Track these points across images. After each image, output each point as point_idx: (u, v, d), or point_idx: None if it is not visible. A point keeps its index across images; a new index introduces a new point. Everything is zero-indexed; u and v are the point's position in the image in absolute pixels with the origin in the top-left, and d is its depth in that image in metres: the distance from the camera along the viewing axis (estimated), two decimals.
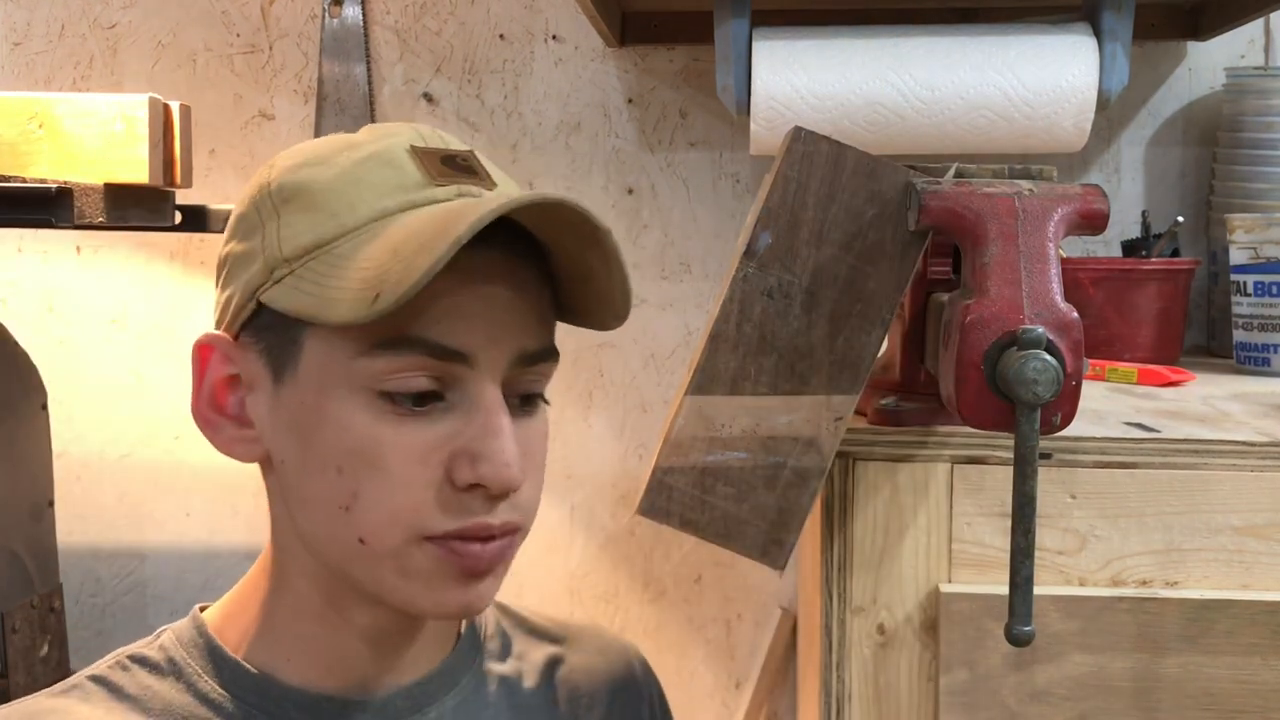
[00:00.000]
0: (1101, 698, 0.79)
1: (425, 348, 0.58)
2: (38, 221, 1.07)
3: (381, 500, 0.59)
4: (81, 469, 1.47)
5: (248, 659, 0.64)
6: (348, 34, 1.42)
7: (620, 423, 1.44)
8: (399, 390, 0.59)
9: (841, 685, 0.82)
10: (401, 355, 0.58)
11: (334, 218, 0.59)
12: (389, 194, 0.60)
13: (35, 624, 1.20)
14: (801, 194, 0.74)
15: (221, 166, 1.45)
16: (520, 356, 0.61)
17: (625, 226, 1.42)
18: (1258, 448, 0.79)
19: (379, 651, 0.65)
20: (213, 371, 0.63)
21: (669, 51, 1.41)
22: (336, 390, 0.59)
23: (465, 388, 0.60)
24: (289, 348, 0.60)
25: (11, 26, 1.46)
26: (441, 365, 0.59)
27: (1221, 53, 1.37)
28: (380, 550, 0.60)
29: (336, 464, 0.59)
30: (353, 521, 0.59)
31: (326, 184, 0.60)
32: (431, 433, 0.59)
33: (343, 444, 0.59)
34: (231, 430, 0.63)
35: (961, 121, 1.14)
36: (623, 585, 1.45)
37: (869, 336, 0.74)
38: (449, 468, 0.59)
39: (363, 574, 0.61)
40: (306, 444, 0.60)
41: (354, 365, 0.58)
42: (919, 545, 0.81)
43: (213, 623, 0.66)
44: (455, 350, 0.59)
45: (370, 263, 0.57)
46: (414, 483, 0.59)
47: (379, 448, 0.58)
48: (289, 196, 0.61)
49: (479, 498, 0.59)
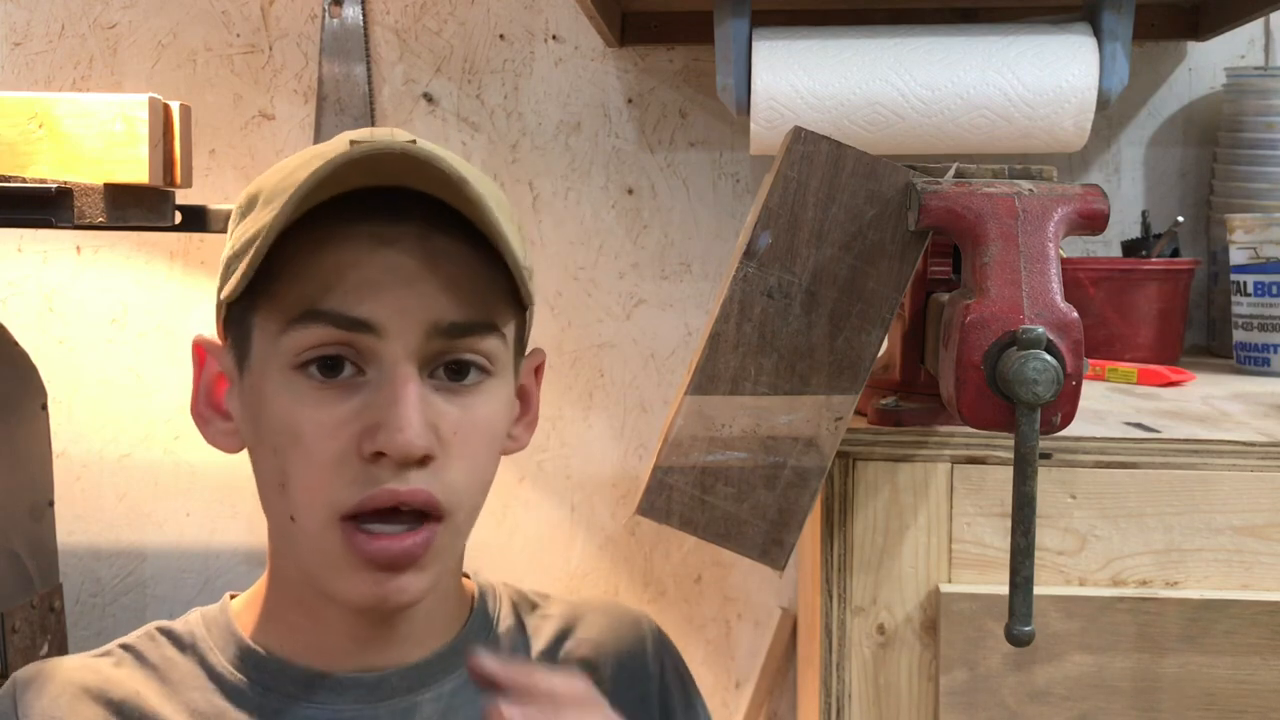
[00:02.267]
0: (1101, 698, 0.79)
1: (331, 319, 0.60)
2: (38, 221, 1.07)
3: (302, 476, 0.61)
4: (81, 469, 1.47)
5: (254, 638, 0.68)
6: (348, 34, 1.42)
7: (620, 423, 1.44)
8: (313, 360, 0.61)
9: (841, 685, 0.82)
10: (310, 328, 0.61)
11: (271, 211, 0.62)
12: None
13: (35, 624, 1.20)
14: (801, 194, 0.74)
15: (221, 166, 1.45)
16: (436, 327, 0.62)
17: (625, 226, 1.43)
18: (1258, 448, 0.79)
19: (363, 636, 0.67)
20: (207, 371, 0.68)
21: (669, 51, 1.41)
22: (270, 372, 0.62)
23: (381, 362, 0.61)
24: (245, 340, 0.65)
25: (11, 26, 1.46)
26: (350, 336, 0.61)
27: (1221, 53, 1.37)
28: (307, 529, 0.62)
29: (272, 444, 0.62)
30: (285, 499, 0.62)
31: (273, 184, 0.64)
32: (344, 407, 0.61)
33: (275, 423, 0.62)
34: (219, 424, 0.68)
35: (961, 121, 1.14)
36: (623, 585, 1.45)
37: (869, 336, 0.74)
38: (358, 441, 0.60)
39: (295, 555, 0.64)
40: (257, 428, 0.64)
41: (278, 344, 0.62)
42: (919, 545, 0.81)
43: (236, 606, 0.71)
44: (360, 320, 0.60)
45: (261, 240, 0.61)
46: (327, 456, 0.60)
47: (298, 423, 0.61)
48: (249, 202, 0.66)
49: (386, 468, 0.60)
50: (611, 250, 1.43)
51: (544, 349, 0.74)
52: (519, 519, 1.45)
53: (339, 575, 0.62)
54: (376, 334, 0.60)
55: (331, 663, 0.67)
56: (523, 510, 1.44)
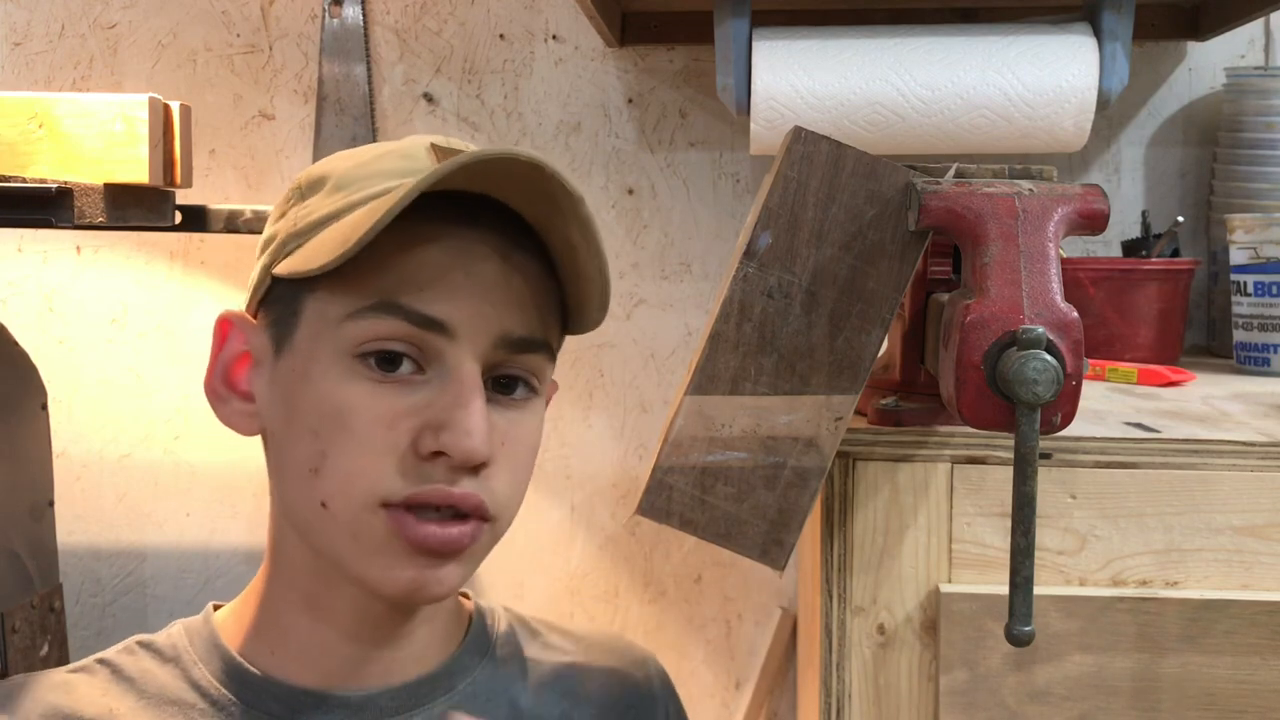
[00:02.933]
0: (1101, 698, 0.79)
1: (405, 314, 0.60)
2: (38, 221, 1.07)
3: (344, 462, 0.60)
4: (81, 469, 1.48)
5: (241, 651, 0.66)
6: (348, 34, 1.42)
7: (620, 423, 1.44)
8: (375, 352, 0.60)
9: (841, 685, 0.82)
10: (382, 319, 0.59)
11: (345, 197, 0.62)
12: (395, 176, 0.62)
13: (35, 624, 1.20)
14: (801, 194, 0.74)
15: (221, 166, 1.45)
16: (504, 338, 0.62)
17: (625, 226, 1.43)
18: (1258, 448, 0.79)
19: (363, 647, 0.66)
20: (229, 347, 0.66)
21: (669, 51, 1.41)
22: (322, 355, 0.61)
23: (444, 363, 0.61)
24: (290, 319, 0.63)
25: (11, 26, 1.46)
26: (421, 334, 0.60)
27: (1221, 53, 1.37)
28: (340, 515, 0.60)
29: (312, 426, 0.60)
30: (318, 484, 0.60)
31: (345, 171, 0.64)
32: (403, 401, 0.60)
33: (319, 407, 0.60)
34: (236, 404, 0.65)
35: (961, 121, 1.14)
36: (623, 585, 1.45)
37: (869, 336, 0.74)
38: (416, 436, 0.60)
39: (324, 542, 0.62)
40: (292, 411, 0.62)
41: (339, 330, 0.60)
42: (919, 545, 0.81)
43: (220, 617, 0.69)
44: (435, 319, 0.60)
45: (353, 221, 0.59)
46: (377, 446, 0.59)
47: (350, 410, 0.60)
48: (313, 184, 0.65)
49: (441, 467, 0.60)
50: (611, 250, 1.43)
51: None
52: (519, 519, 1.44)
53: (378, 560, 0.60)
54: (448, 335, 0.60)
55: (320, 678, 0.65)
56: (523, 510, 1.44)
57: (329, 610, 0.65)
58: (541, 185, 0.59)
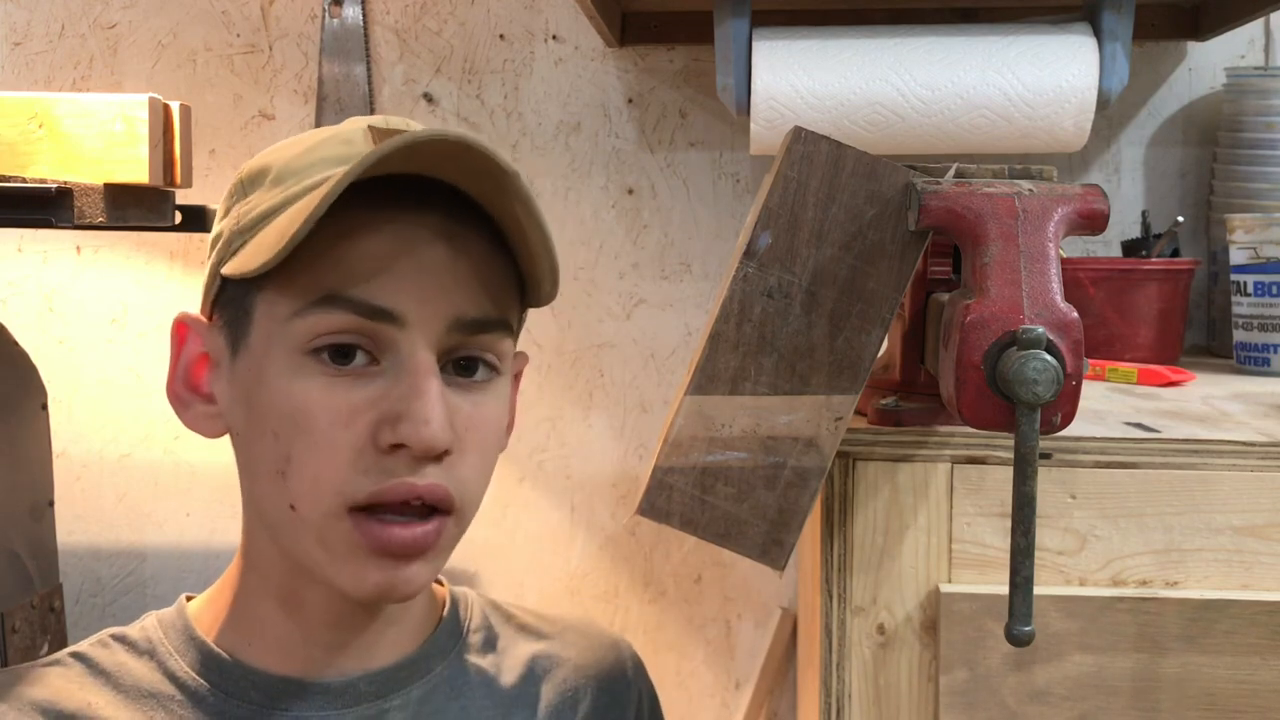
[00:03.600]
0: (1101, 698, 0.79)
1: (353, 306, 0.59)
2: (38, 221, 1.07)
3: (308, 464, 0.59)
4: (81, 469, 1.48)
5: (217, 642, 0.66)
6: (348, 34, 1.42)
7: (620, 423, 1.44)
8: (326, 346, 0.59)
9: (841, 685, 0.82)
10: (330, 314, 0.59)
11: (285, 190, 0.61)
12: (334, 164, 0.61)
13: (35, 624, 1.20)
14: (801, 194, 0.74)
15: (221, 166, 1.45)
16: (457, 321, 0.61)
17: (625, 226, 1.43)
18: (1258, 448, 0.79)
19: (338, 636, 0.65)
20: (187, 350, 0.65)
21: (669, 51, 1.41)
22: (275, 355, 0.60)
23: (398, 352, 0.60)
24: (242, 319, 0.62)
25: (11, 26, 1.46)
26: (371, 325, 0.59)
27: (1221, 53, 1.37)
28: (308, 518, 0.60)
29: (273, 428, 0.60)
30: (286, 487, 0.60)
31: (285, 162, 0.63)
32: (359, 395, 0.59)
33: (277, 407, 0.60)
34: (199, 407, 0.65)
35: (961, 121, 1.14)
36: (623, 585, 1.45)
37: (869, 336, 0.74)
38: (374, 430, 0.59)
39: (293, 545, 0.62)
40: (252, 412, 0.61)
41: (289, 327, 0.60)
42: (919, 545, 0.81)
43: (194, 608, 0.69)
44: (383, 309, 0.59)
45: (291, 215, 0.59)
46: (338, 445, 0.59)
47: (307, 410, 0.59)
48: (254, 177, 0.64)
49: (402, 460, 0.59)
50: (611, 250, 1.43)
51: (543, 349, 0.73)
52: (519, 519, 1.45)
53: (346, 564, 0.60)
54: (398, 324, 0.59)
55: (298, 666, 0.65)
56: (523, 510, 1.44)
57: (303, 605, 0.65)
58: (478, 163, 0.58)
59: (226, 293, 0.64)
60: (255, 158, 0.66)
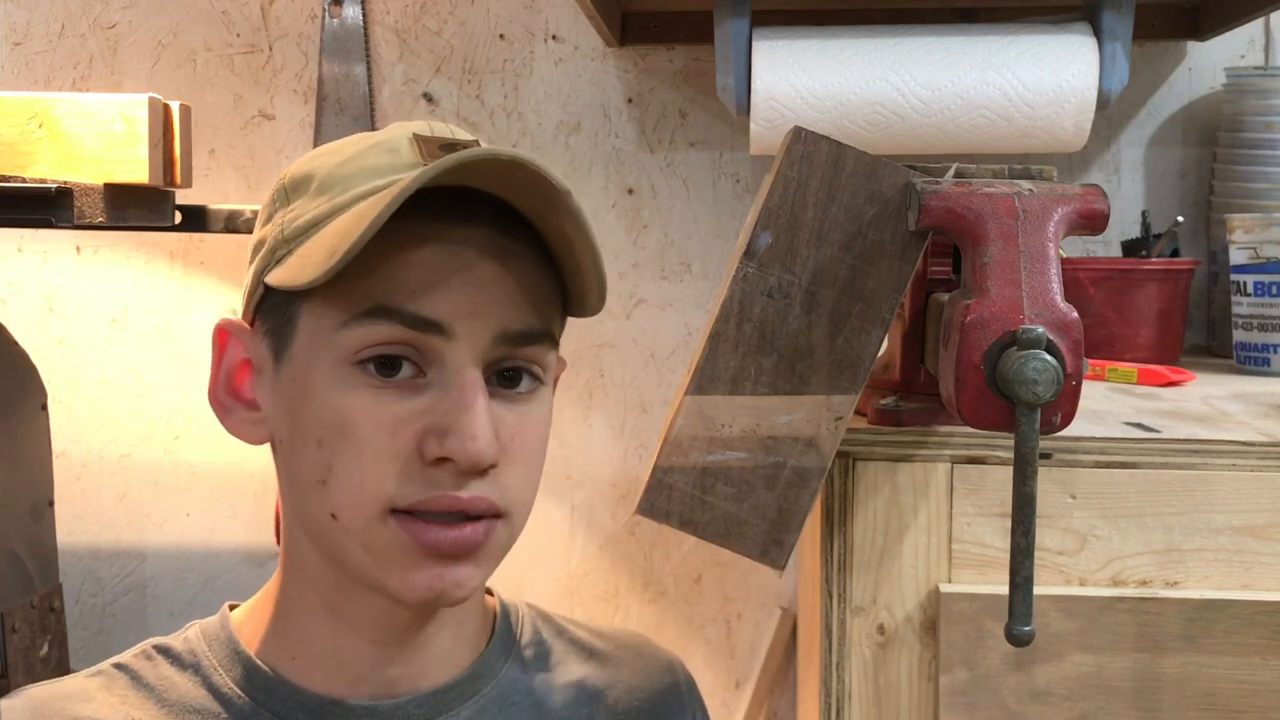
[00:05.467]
0: (1101, 698, 0.79)
1: (400, 317, 0.59)
2: (38, 221, 1.07)
3: (351, 472, 0.59)
4: (81, 469, 1.48)
5: (260, 655, 0.65)
6: (348, 34, 1.42)
7: (620, 423, 1.44)
8: (373, 358, 0.59)
9: (841, 685, 0.82)
10: (378, 325, 0.59)
11: (330, 199, 0.61)
12: (381, 174, 0.61)
13: (35, 624, 1.20)
14: (801, 194, 0.74)
15: (221, 166, 1.45)
16: (503, 334, 0.61)
17: (625, 226, 1.43)
18: (1258, 448, 0.79)
19: (385, 651, 0.65)
20: (229, 356, 0.65)
21: (669, 51, 1.41)
22: (321, 364, 0.60)
23: (444, 365, 0.59)
24: (286, 328, 0.62)
25: (11, 26, 1.46)
26: (418, 336, 0.59)
27: (1221, 52, 1.37)
28: (350, 526, 0.59)
29: (317, 437, 0.60)
30: (326, 496, 0.60)
31: (329, 170, 0.62)
32: (405, 406, 0.59)
33: (322, 417, 0.59)
34: (241, 413, 0.64)
35: (961, 121, 1.14)
36: (623, 585, 1.45)
37: (869, 336, 0.74)
38: (420, 442, 0.59)
39: (337, 552, 0.61)
40: (296, 420, 0.61)
41: (335, 338, 0.59)
42: (919, 545, 0.81)
43: (236, 619, 0.67)
44: (431, 320, 0.59)
45: (340, 228, 0.58)
46: (382, 454, 0.58)
47: (352, 419, 0.59)
48: (298, 185, 0.63)
49: (448, 473, 0.59)
50: (611, 250, 1.43)
51: None
52: None
53: (393, 567, 0.59)
54: (445, 336, 0.59)
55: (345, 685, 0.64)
56: None
57: (349, 617, 0.64)
58: (530, 181, 0.58)
59: (270, 300, 0.63)
60: (298, 163, 0.65)
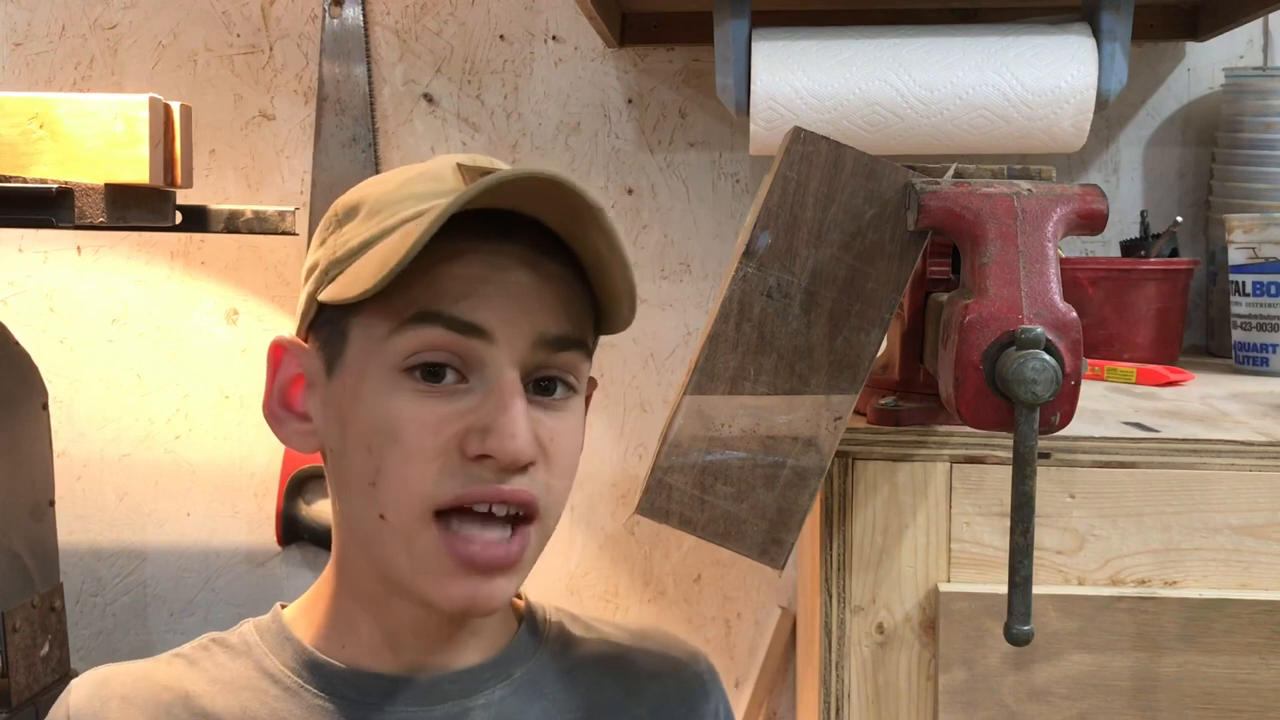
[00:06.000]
0: (1100, 697, 0.79)
1: (444, 321, 0.63)
2: (38, 222, 1.07)
3: (397, 471, 0.63)
4: (82, 468, 1.48)
5: (312, 644, 0.70)
6: (348, 34, 1.43)
7: (620, 423, 1.44)
8: (420, 364, 0.63)
9: (841, 684, 0.82)
10: (424, 330, 0.63)
11: (379, 223, 0.66)
12: (425, 199, 0.66)
13: (35, 623, 1.20)
14: (801, 194, 0.74)
15: (222, 167, 1.45)
16: (540, 339, 0.64)
17: (625, 226, 1.43)
18: (1256, 447, 0.79)
19: (428, 639, 0.69)
20: (283, 371, 0.70)
21: (669, 52, 1.41)
22: (371, 372, 0.64)
23: (485, 369, 0.64)
24: (338, 341, 0.66)
25: (12, 27, 1.46)
26: (461, 340, 0.63)
27: (1220, 53, 1.37)
28: (396, 526, 0.63)
29: (366, 442, 0.64)
30: (376, 497, 0.64)
31: (379, 196, 0.68)
32: (448, 408, 0.63)
33: (372, 422, 0.64)
34: (294, 424, 0.69)
35: (960, 122, 1.14)
36: (622, 585, 1.45)
37: (868, 336, 0.74)
38: (462, 441, 0.63)
39: (382, 556, 0.65)
40: (347, 428, 0.65)
41: (385, 346, 0.64)
42: (918, 545, 0.81)
43: (289, 614, 0.73)
44: (473, 324, 0.63)
45: (388, 247, 0.63)
46: (425, 452, 0.62)
47: (399, 421, 0.63)
48: (349, 211, 0.69)
49: (488, 468, 0.63)
50: None
51: None
52: None
53: (432, 578, 0.63)
54: (487, 339, 0.63)
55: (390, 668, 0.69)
56: None
57: (392, 614, 0.68)
58: (564, 199, 0.62)
59: (322, 317, 0.68)
60: (349, 193, 0.70)
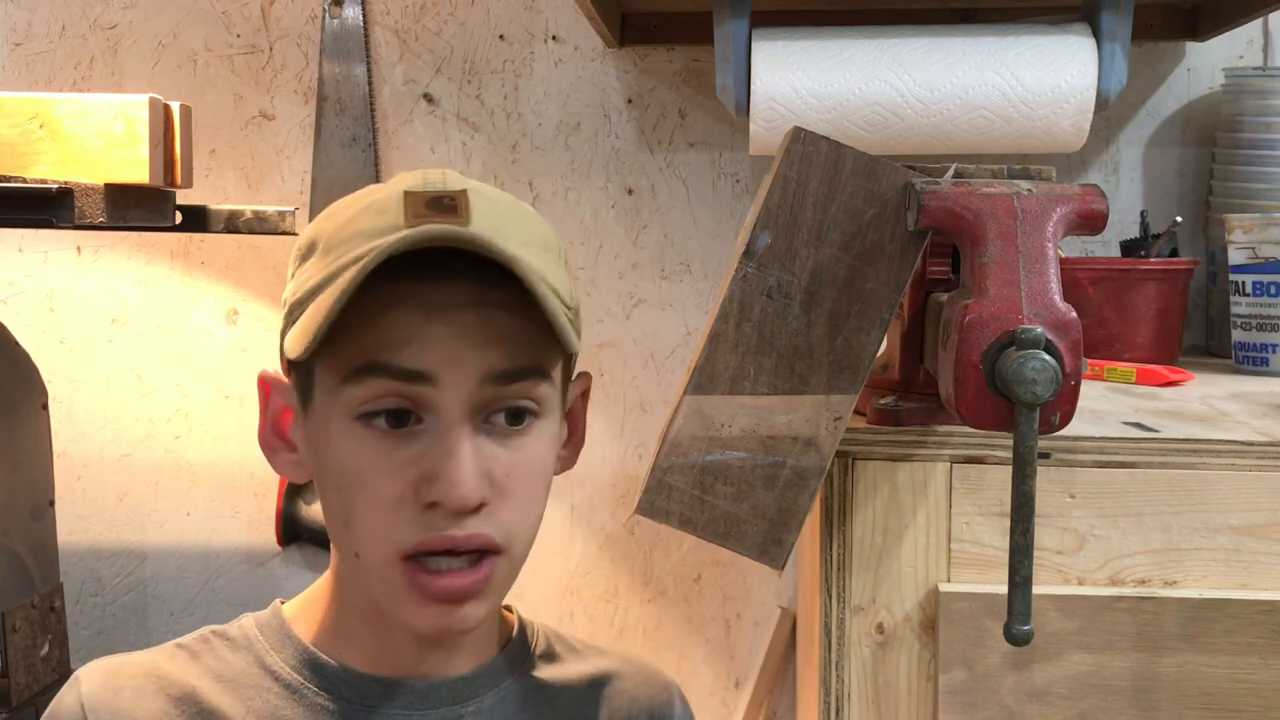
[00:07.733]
0: (1100, 697, 0.79)
1: (389, 371, 0.64)
2: (38, 222, 1.07)
3: (364, 516, 0.65)
4: (82, 469, 1.48)
5: (311, 643, 0.71)
6: (348, 34, 1.43)
7: (620, 423, 1.44)
8: (372, 411, 0.64)
9: (841, 684, 0.82)
10: (370, 381, 0.64)
11: (332, 261, 0.66)
12: (369, 238, 0.65)
13: (36, 623, 1.20)
14: (801, 194, 0.74)
15: (222, 167, 1.45)
16: (488, 375, 0.65)
17: (625, 227, 1.43)
18: (1256, 447, 0.79)
19: (421, 649, 0.71)
20: (273, 404, 0.71)
21: (669, 52, 1.41)
22: (333, 417, 0.66)
23: (436, 412, 0.64)
24: (307, 382, 0.68)
25: (12, 27, 1.46)
26: (407, 387, 0.64)
27: (1220, 53, 1.37)
28: (369, 566, 0.66)
29: (336, 483, 0.66)
30: (351, 537, 0.66)
31: (331, 234, 0.67)
32: (403, 453, 0.64)
33: (337, 465, 0.66)
34: (286, 455, 0.71)
35: (960, 122, 1.14)
36: (622, 585, 1.45)
37: (868, 336, 0.74)
38: (415, 487, 0.64)
39: (362, 586, 0.68)
40: (320, 466, 0.68)
41: (339, 394, 0.65)
42: (918, 545, 0.81)
43: (288, 611, 0.74)
44: (416, 371, 0.64)
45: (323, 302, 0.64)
46: (388, 501, 0.64)
47: (360, 468, 0.65)
48: (310, 246, 0.69)
49: (441, 514, 0.64)
50: (611, 250, 1.43)
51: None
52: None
53: (404, 608, 0.65)
54: (432, 384, 0.63)
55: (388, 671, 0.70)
56: None
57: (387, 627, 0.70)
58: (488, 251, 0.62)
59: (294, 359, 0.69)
60: (310, 225, 0.70)
